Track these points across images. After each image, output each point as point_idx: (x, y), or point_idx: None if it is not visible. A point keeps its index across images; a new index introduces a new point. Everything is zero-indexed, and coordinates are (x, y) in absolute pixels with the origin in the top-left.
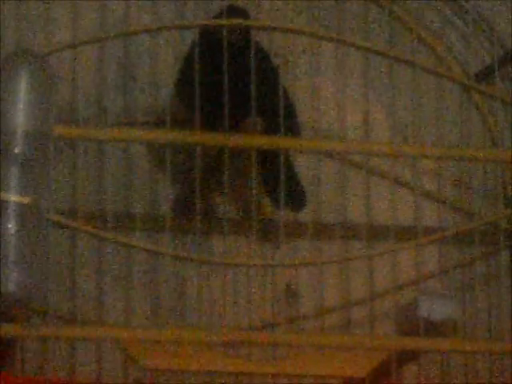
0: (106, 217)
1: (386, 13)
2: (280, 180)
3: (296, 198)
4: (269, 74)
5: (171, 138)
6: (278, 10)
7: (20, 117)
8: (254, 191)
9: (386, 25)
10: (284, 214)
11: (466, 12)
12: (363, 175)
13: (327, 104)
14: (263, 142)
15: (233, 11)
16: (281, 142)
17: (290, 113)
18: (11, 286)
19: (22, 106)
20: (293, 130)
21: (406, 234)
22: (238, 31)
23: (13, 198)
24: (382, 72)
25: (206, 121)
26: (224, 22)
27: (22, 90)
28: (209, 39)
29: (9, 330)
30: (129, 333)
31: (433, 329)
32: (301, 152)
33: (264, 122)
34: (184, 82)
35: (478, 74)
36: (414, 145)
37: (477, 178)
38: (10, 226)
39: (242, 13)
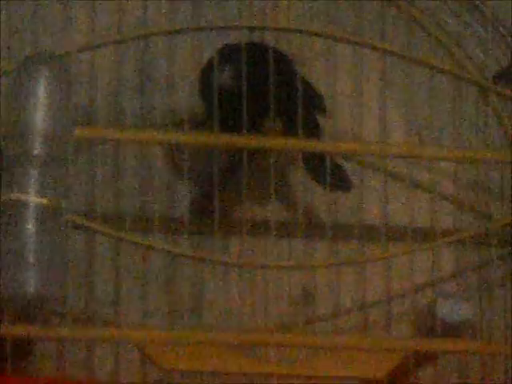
0: (123, 218)
1: (403, 14)
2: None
3: (341, 177)
4: (287, 76)
5: (189, 139)
6: (294, 11)
7: (38, 118)
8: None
9: (404, 26)
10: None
11: (484, 14)
12: (380, 177)
13: (344, 106)
14: (281, 143)
15: (225, 52)
16: (298, 143)
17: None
18: (30, 287)
19: (40, 108)
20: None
21: (422, 235)
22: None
23: (32, 199)
24: (399, 74)
25: (226, 121)
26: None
27: (41, 91)
28: (229, 49)
29: (27, 331)
30: (146, 334)
31: (450, 330)
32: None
33: (283, 124)
34: (204, 87)
35: (495, 75)
36: (430, 147)
37: (494, 179)
38: (28, 227)
39: (236, 50)
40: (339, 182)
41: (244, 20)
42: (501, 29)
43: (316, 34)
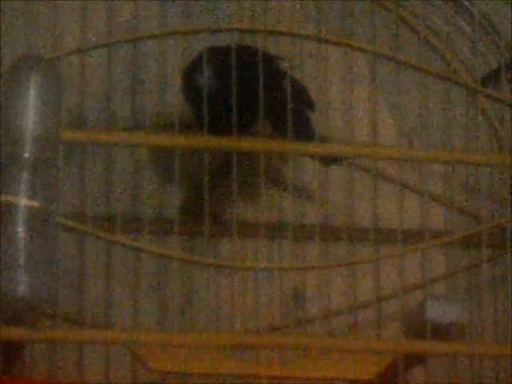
0: (114, 220)
1: (392, 17)
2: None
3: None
4: (276, 78)
5: (179, 142)
6: (285, 14)
7: (29, 121)
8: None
9: (393, 29)
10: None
11: (473, 16)
12: (370, 179)
13: (334, 108)
14: (270, 145)
15: (205, 54)
16: (288, 145)
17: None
18: (20, 290)
19: (30, 111)
20: (306, 133)
21: (413, 237)
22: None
23: (22, 201)
24: (388, 76)
25: (215, 126)
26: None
27: (31, 94)
28: (215, 51)
29: (17, 333)
30: (137, 336)
31: (440, 332)
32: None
33: (272, 127)
34: (191, 90)
35: (484, 78)
36: (420, 149)
37: (484, 181)
38: (19, 229)
39: (218, 52)
40: (302, 131)
41: (234, 22)
42: (490, 30)
43: (306, 37)
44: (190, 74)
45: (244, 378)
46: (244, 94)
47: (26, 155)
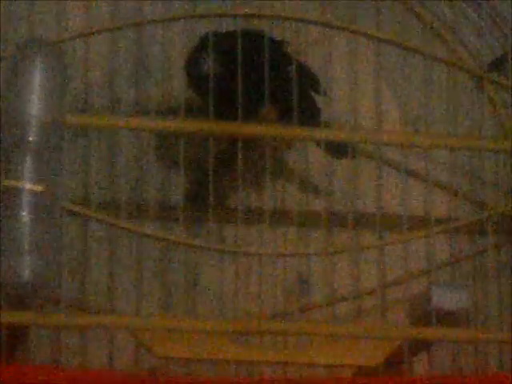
0: (118, 205)
1: (398, 3)
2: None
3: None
4: (282, 62)
5: (184, 127)
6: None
7: (33, 105)
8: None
9: (399, 15)
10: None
11: (479, 2)
12: (375, 165)
13: (339, 94)
14: (275, 130)
15: (207, 40)
16: (293, 131)
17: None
18: (24, 274)
19: (35, 95)
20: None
21: (417, 223)
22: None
23: (26, 186)
24: (394, 62)
25: (220, 111)
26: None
27: (36, 78)
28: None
29: (21, 318)
30: (141, 321)
31: (445, 318)
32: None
33: (278, 112)
34: (194, 76)
35: (490, 64)
36: (425, 135)
37: (489, 168)
38: (23, 214)
39: (221, 38)
40: (308, 112)
41: (240, 7)
42: (496, 17)
43: (311, 22)
44: (192, 61)
45: (248, 364)
46: (250, 78)
47: (31, 139)
